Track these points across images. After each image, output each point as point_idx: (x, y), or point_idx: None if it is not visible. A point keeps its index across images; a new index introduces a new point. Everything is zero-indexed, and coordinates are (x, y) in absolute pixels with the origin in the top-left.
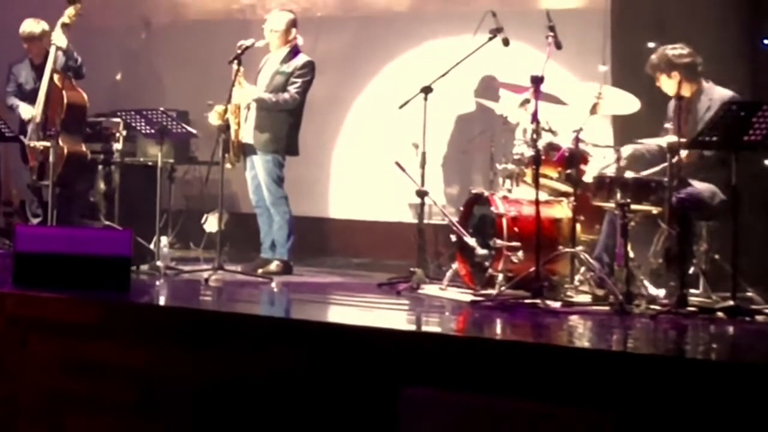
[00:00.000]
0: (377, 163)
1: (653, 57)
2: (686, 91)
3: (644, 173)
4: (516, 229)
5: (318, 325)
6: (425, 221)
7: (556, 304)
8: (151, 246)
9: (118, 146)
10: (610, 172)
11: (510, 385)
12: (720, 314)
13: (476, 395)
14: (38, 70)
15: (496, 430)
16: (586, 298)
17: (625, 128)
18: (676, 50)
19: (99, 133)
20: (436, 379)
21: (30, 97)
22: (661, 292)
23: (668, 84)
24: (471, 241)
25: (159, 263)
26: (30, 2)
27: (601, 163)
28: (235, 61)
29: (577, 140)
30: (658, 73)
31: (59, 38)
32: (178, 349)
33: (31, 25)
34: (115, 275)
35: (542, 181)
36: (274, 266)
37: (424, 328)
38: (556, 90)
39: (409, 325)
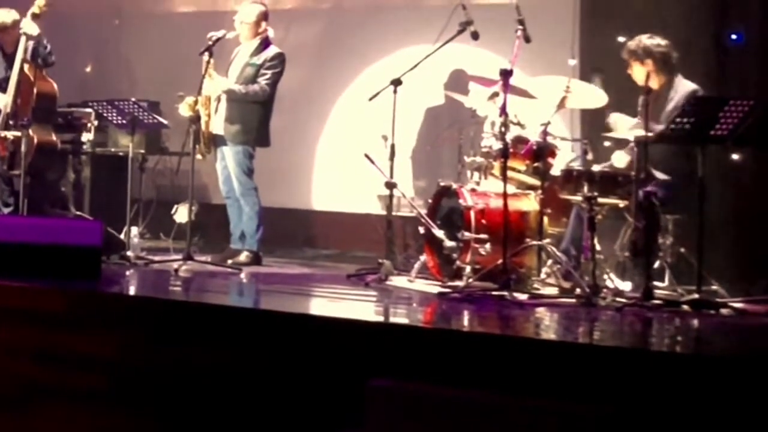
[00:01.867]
0: (346, 155)
1: (630, 43)
2: (654, 83)
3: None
4: (484, 221)
5: (286, 315)
6: (394, 213)
7: (523, 297)
8: (122, 236)
9: (89, 136)
10: (577, 165)
11: (477, 377)
12: (685, 307)
13: (443, 387)
14: (9, 59)
15: (462, 423)
16: (553, 291)
17: (593, 122)
18: (654, 40)
19: (70, 123)
20: (403, 370)
21: (2, 87)
22: (627, 285)
23: (639, 72)
24: (439, 233)
25: (129, 253)
26: None
27: (568, 156)
28: (206, 53)
29: (545, 133)
30: (632, 59)
31: (30, 26)
32: (147, 339)
33: (2, 15)
34: (85, 265)
35: (510, 174)
36: (243, 257)
37: (392, 320)
38: (524, 83)
39: (377, 316)
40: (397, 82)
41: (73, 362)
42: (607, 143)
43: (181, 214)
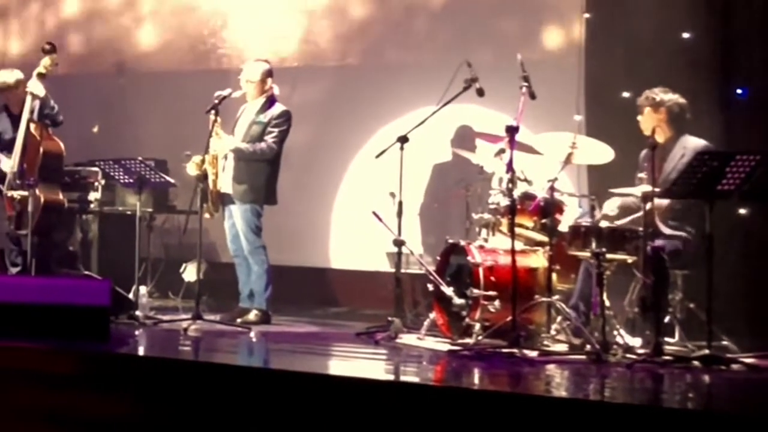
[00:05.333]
0: (354, 213)
1: (648, 91)
2: (660, 137)
3: (621, 222)
4: (492, 278)
5: (296, 375)
6: (402, 270)
7: (533, 354)
8: (130, 295)
9: (96, 195)
10: (585, 221)
11: None
12: (696, 363)
13: None
14: (16, 120)
15: None
16: (563, 347)
17: (600, 178)
18: (674, 95)
19: (77, 182)
20: (414, 429)
21: (9, 147)
22: (637, 341)
23: (649, 120)
24: (448, 290)
25: (138, 313)
26: None
27: (576, 212)
28: (213, 111)
29: (552, 189)
30: (647, 105)
31: (36, 87)
32: (156, 399)
33: (5, 76)
34: (94, 325)
35: (518, 230)
36: (252, 316)
37: (402, 378)
38: (530, 140)
39: (386, 374)
40: (403, 139)
41: (83, 423)
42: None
43: (190, 272)
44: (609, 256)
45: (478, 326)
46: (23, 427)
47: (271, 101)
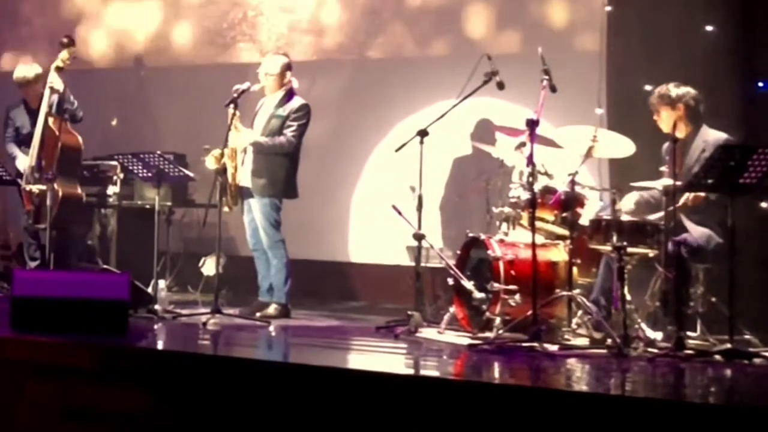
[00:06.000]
0: (374, 206)
1: (660, 89)
2: (681, 132)
3: (651, 217)
4: (513, 272)
5: (315, 369)
6: (423, 264)
7: (554, 348)
8: (149, 289)
9: (115, 189)
10: (606, 214)
11: (508, 430)
12: (718, 357)
13: None
14: (34, 114)
15: None
16: (584, 342)
17: (621, 171)
18: (685, 89)
19: (95, 176)
20: (434, 423)
21: (27, 141)
22: (658, 335)
23: (668, 118)
24: (468, 284)
25: (157, 307)
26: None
27: (597, 206)
28: (231, 105)
29: (573, 183)
30: (662, 105)
31: (55, 80)
32: (175, 394)
33: (24, 70)
34: (112, 319)
35: (539, 224)
36: (272, 310)
37: (422, 372)
38: (551, 133)
39: (407, 369)
40: (423, 133)
41: (101, 417)
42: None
43: (209, 266)
44: (630, 249)
45: (498, 320)
46: (41, 421)
47: (290, 95)
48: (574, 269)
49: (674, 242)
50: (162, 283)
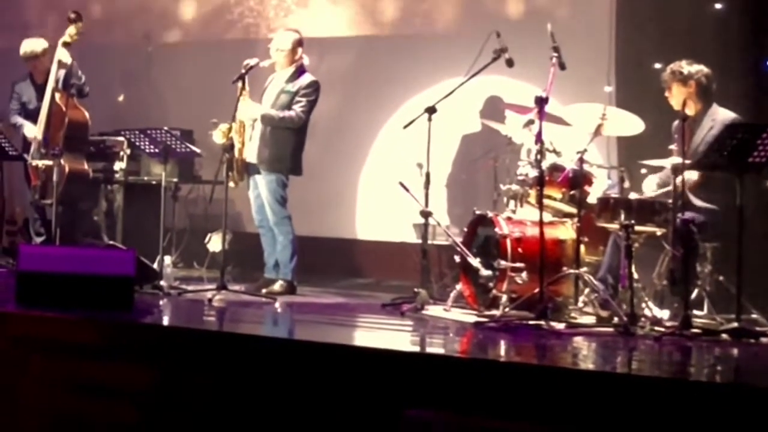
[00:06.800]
0: (381, 183)
1: (672, 66)
2: (691, 110)
3: (652, 193)
4: (520, 250)
5: (321, 345)
6: (429, 242)
7: (560, 326)
8: (155, 265)
9: (121, 165)
10: (614, 192)
11: (513, 408)
12: (724, 336)
13: (479, 417)
14: (41, 89)
15: None
16: (591, 320)
17: (630, 149)
18: (697, 66)
19: (102, 151)
20: (440, 400)
21: (33, 116)
22: (665, 314)
23: (678, 95)
24: (475, 262)
25: (162, 283)
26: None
27: (605, 184)
28: (240, 80)
29: (581, 161)
30: (673, 82)
31: (63, 55)
32: (180, 370)
33: (32, 44)
34: (118, 295)
35: (546, 202)
36: (277, 286)
37: (428, 350)
38: (560, 111)
39: (412, 346)
40: (431, 110)
41: (107, 393)
42: (643, 170)
43: (215, 243)
44: (638, 228)
45: (504, 298)
46: (47, 396)
47: (300, 71)
48: (582, 247)
49: (682, 220)
50: (168, 259)
